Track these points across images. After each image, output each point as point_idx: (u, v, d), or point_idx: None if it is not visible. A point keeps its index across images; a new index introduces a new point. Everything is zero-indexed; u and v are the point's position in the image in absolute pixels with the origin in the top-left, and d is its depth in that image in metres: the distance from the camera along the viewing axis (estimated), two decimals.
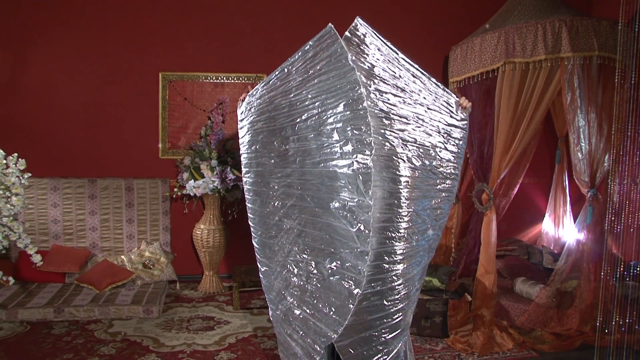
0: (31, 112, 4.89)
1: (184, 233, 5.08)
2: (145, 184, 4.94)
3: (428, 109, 2.21)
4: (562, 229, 5.09)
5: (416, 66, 2.20)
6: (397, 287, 2.17)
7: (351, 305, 2.07)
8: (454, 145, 2.25)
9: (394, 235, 2.15)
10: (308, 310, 2.20)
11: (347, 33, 2.18)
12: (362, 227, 2.02)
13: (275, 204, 2.32)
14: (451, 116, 2.23)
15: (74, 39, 4.91)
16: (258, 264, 2.43)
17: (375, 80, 2.16)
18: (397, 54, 2.18)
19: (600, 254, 3.65)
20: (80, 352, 3.44)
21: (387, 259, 2.15)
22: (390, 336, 2.18)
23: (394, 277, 2.16)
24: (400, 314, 2.19)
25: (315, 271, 2.19)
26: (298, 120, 2.21)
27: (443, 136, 2.23)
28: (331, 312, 2.13)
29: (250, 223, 2.47)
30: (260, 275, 2.44)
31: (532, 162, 4.73)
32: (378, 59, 2.17)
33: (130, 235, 4.90)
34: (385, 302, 2.17)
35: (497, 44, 3.94)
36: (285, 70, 2.27)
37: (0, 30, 4.80)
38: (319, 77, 2.15)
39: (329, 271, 2.13)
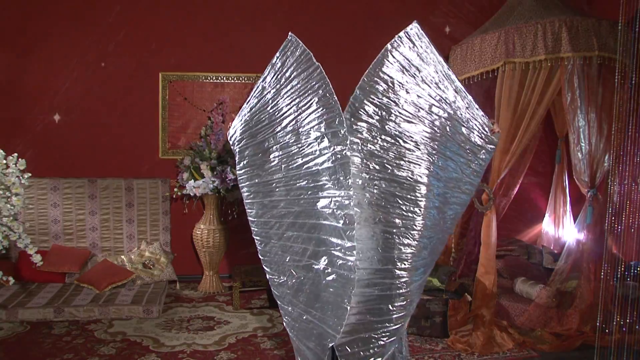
0: (31, 112, 4.90)
1: (184, 233, 5.08)
2: (145, 184, 4.93)
3: (462, 125, 2.23)
4: (562, 229, 5.07)
5: (458, 82, 2.21)
6: (403, 294, 2.20)
7: (346, 305, 2.09)
8: (477, 164, 2.29)
9: (408, 242, 2.18)
10: (314, 313, 2.23)
11: (401, 33, 2.17)
12: (347, 221, 2.06)
13: (271, 215, 2.36)
14: (481, 138, 2.27)
15: (74, 39, 4.91)
16: (267, 275, 2.46)
17: (418, 84, 2.16)
18: (443, 65, 2.19)
19: (600, 254, 3.64)
20: (80, 352, 3.45)
21: (398, 264, 2.17)
22: (388, 340, 2.22)
23: (403, 284, 2.19)
24: (402, 320, 2.23)
25: (314, 274, 2.21)
26: (278, 129, 2.25)
27: (470, 155, 2.27)
28: (331, 313, 2.15)
29: (254, 236, 2.50)
30: (270, 285, 2.46)
31: (532, 162, 4.72)
32: (427, 65, 2.17)
33: (130, 235, 4.90)
34: (390, 307, 2.19)
35: (497, 44, 3.93)
36: (260, 87, 2.33)
37: (0, 30, 4.81)
38: (291, 83, 2.20)
39: (325, 272, 2.17)
